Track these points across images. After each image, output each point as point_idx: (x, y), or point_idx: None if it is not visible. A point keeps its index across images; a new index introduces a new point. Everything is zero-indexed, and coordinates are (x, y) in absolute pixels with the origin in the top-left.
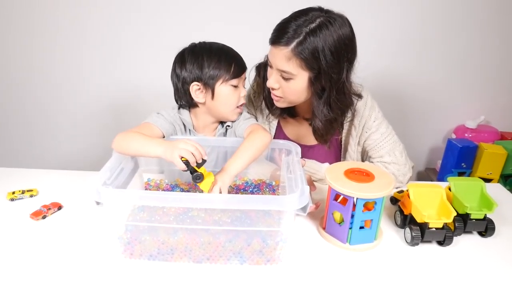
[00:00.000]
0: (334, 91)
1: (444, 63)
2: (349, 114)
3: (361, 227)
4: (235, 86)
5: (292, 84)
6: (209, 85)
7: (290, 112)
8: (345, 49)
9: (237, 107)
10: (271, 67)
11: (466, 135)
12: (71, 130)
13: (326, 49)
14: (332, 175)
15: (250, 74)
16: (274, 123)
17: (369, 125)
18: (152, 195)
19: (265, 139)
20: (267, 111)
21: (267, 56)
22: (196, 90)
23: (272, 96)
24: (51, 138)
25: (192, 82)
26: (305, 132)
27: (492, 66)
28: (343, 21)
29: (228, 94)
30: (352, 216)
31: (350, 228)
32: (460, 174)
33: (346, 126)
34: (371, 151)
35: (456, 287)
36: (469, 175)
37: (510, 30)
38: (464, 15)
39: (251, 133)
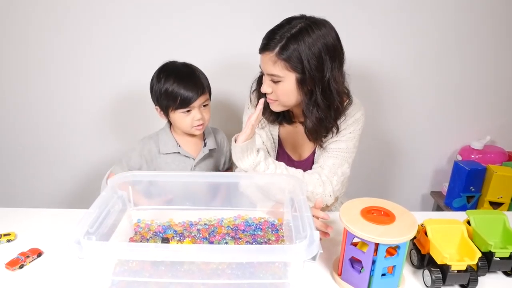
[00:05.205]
0: (319, 90)
1: (444, 83)
2: (342, 117)
3: (383, 274)
4: (187, 111)
5: (282, 86)
6: (163, 110)
7: (286, 118)
8: (326, 50)
9: (193, 127)
10: (263, 74)
11: (472, 156)
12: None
13: (307, 50)
14: (348, 216)
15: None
16: (275, 132)
17: (343, 133)
18: (140, 248)
19: None
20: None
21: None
22: (159, 112)
23: (268, 100)
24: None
25: (155, 105)
26: (301, 141)
27: (493, 85)
28: (324, 25)
29: (180, 118)
30: (374, 262)
31: (371, 276)
32: (469, 198)
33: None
34: (322, 154)
35: None
36: (478, 199)
37: (509, 48)
38: (462, 33)
39: None
